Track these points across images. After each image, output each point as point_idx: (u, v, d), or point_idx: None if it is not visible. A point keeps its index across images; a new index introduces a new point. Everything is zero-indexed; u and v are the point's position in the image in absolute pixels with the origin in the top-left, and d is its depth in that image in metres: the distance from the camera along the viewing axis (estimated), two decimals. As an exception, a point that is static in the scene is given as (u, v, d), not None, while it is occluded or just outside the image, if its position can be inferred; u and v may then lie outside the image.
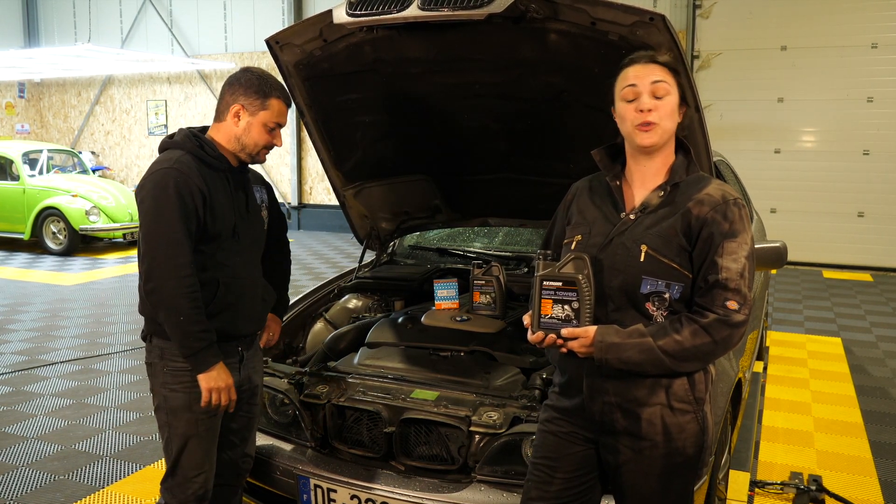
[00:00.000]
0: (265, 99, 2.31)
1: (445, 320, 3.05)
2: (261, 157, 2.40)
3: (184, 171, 2.25)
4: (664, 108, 1.84)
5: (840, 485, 3.56)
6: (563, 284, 1.83)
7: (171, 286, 2.18)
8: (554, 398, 2.03)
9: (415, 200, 3.73)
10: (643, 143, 1.86)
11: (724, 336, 1.78)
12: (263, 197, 2.58)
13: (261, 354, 2.64)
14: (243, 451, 2.56)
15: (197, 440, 2.33)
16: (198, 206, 2.24)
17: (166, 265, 2.18)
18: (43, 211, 10.48)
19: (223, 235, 2.33)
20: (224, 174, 2.36)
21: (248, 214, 2.45)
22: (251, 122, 2.32)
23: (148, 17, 14.96)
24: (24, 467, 3.73)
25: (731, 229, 1.81)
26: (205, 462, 2.36)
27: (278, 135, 2.39)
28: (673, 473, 1.89)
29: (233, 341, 2.41)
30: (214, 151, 2.33)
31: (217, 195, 2.31)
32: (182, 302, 2.18)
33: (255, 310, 2.49)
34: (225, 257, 2.35)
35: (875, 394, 4.90)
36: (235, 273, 2.38)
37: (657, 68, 1.86)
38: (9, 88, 16.01)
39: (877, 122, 9.61)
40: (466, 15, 2.40)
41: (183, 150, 2.31)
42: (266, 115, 2.32)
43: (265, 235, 2.58)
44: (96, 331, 6.47)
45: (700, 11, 10.28)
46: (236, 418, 2.50)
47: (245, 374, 2.48)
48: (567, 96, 2.87)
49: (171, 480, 2.35)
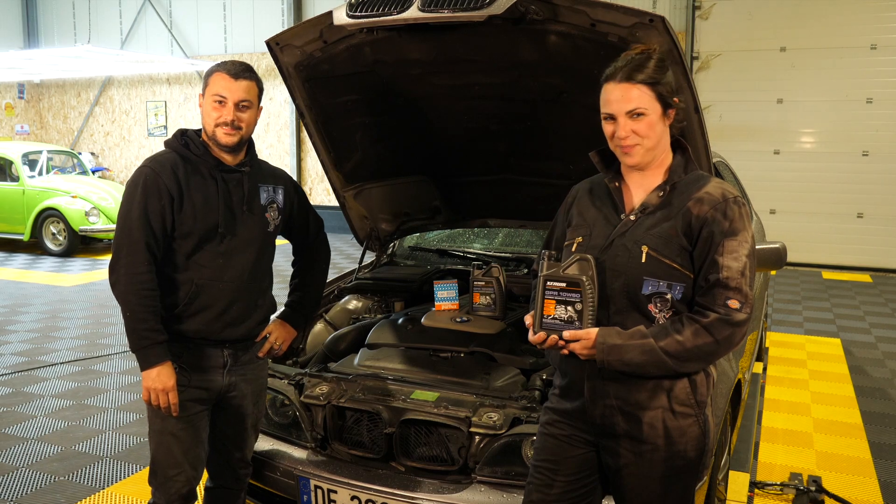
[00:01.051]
0: (210, 75, 2.30)
1: (445, 321, 3.06)
2: (221, 139, 2.28)
3: (155, 170, 2.26)
4: (642, 128, 1.83)
5: (839, 485, 3.56)
6: (566, 285, 1.83)
7: (124, 282, 2.21)
8: (554, 400, 2.03)
9: (415, 202, 3.73)
10: (626, 162, 1.89)
11: (726, 335, 1.78)
12: (275, 197, 2.47)
13: (259, 363, 2.54)
14: (238, 455, 2.53)
15: (172, 438, 2.32)
16: (164, 205, 2.24)
17: (124, 261, 2.21)
18: (42, 212, 10.48)
19: (198, 234, 2.28)
20: (212, 171, 2.32)
21: (245, 214, 2.37)
22: (203, 101, 2.31)
23: (147, 18, 14.96)
24: (24, 468, 3.73)
25: (732, 227, 1.81)
26: (184, 462, 2.34)
27: (227, 108, 2.26)
28: (674, 477, 1.89)
29: (216, 346, 2.36)
30: (199, 149, 2.32)
31: (194, 194, 2.28)
32: (131, 299, 2.20)
33: (242, 315, 2.39)
34: (204, 258, 2.30)
35: (874, 395, 4.90)
36: (217, 275, 2.32)
37: (633, 89, 1.81)
38: (8, 89, 16.00)
39: (876, 123, 9.62)
40: (466, 17, 2.40)
41: (170, 148, 2.34)
42: (209, 89, 2.28)
43: (271, 237, 2.48)
44: (96, 332, 6.47)
45: (699, 13, 10.29)
46: (226, 423, 2.46)
47: (230, 380, 2.41)
48: (567, 98, 2.87)
49: (154, 479, 2.36)
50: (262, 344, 2.53)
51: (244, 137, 2.33)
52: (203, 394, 2.37)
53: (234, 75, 2.27)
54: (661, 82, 1.83)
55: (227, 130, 2.28)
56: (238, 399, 2.46)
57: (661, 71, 1.84)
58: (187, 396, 2.32)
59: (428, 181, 3.67)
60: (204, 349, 2.34)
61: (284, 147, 13.88)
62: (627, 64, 1.83)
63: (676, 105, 1.87)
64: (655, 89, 1.82)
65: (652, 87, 1.82)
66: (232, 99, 2.26)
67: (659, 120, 1.84)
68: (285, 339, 2.60)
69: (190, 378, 2.33)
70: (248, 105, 2.30)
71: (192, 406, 2.34)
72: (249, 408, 2.50)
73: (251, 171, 2.41)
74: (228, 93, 2.26)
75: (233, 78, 2.27)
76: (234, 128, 2.28)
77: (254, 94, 2.32)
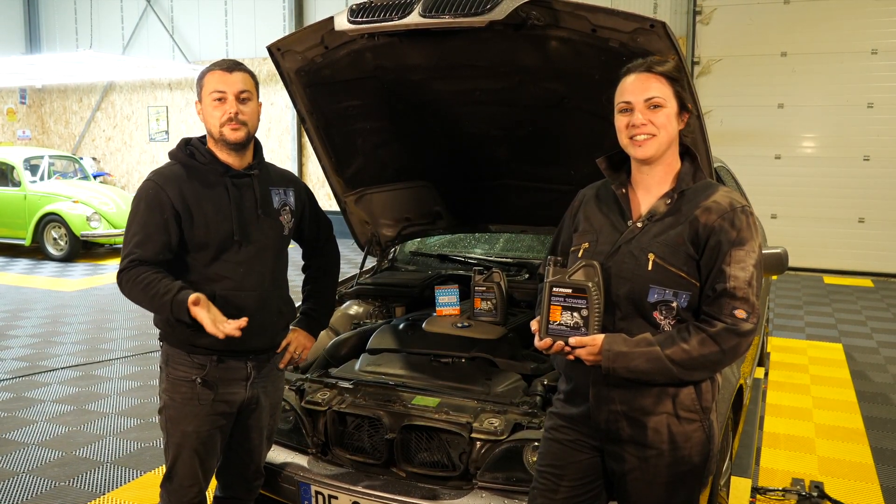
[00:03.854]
0: (202, 79, 2.28)
1: (446, 327, 3.05)
2: (228, 137, 2.24)
3: (159, 183, 2.24)
4: (659, 119, 1.84)
5: (841, 491, 3.55)
6: (573, 291, 1.83)
7: (127, 290, 2.23)
8: (559, 405, 2.02)
9: (416, 207, 3.73)
10: (637, 155, 1.88)
11: (733, 345, 1.77)
12: (287, 199, 2.43)
13: (278, 374, 2.50)
14: (252, 467, 2.50)
15: (190, 453, 2.30)
16: (168, 218, 2.21)
17: (125, 276, 2.22)
18: (44, 217, 10.49)
19: (214, 245, 2.25)
20: (222, 178, 2.29)
21: (260, 218, 2.33)
22: (203, 106, 2.28)
23: (149, 23, 14.99)
24: (24, 474, 3.73)
25: (739, 237, 1.80)
26: (199, 474, 2.33)
27: (228, 103, 2.23)
28: (678, 482, 1.89)
29: (241, 357, 2.32)
30: (206, 157, 2.30)
31: (204, 204, 2.25)
32: (140, 296, 2.20)
33: (266, 322, 2.34)
34: (223, 268, 2.27)
35: (876, 400, 4.89)
36: (238, 284, 2.28)
37: (653, 79, 1.85)
38: (10, 94, 16.03)
39: (877, 128, 9.62)
40: (468, 22, 2.40)
41: (174, 160, 2.32)
42: (206, 90, 2.26)
43: (286, 241, 2.44)
44: (97, 337, 6.46)
45: (700, 18, 10.30)
46: (243, 436, 2.43)
47: (252, 393, 2.37)
48: (568, 103, 2.87)
49: (169, 485, 2.34)
50: (283, 355, 2.48)
51: (250, 133, 2.30)
52: (226, 407, 2.33)
53: (228, 69, 2.26)
54: (680, 82, 1.87)
55: (233, 126, 2.24)
56: (257, 412, 2.42)
57: (680, 72, 1.89)
58: (210, 411, 2.29)
59: (429, 186, 3.68)
60: (228, 361, 2.30)
61: (286, 152, 13.90)
62: (648, 60, 1.88)
63: (690, 111, 1.90)
64: (674, 86, 1.86)
65: (671, 82, 1.86)
66: (231, 91, 2.23)
67: (674, 117, 1.86)
68: (305, 347, 2.54)
69: (214, 393, 2.30)
70: (249, 97, 2.27)
71: (216, 420, 2.32)
72: (266, 420, 2.47)
73: (261, 175, 2.37)
74: (226, 86, 2.23)
75: (227, 72, 2.25)
76: (239, 122, 2.24)
77: (251, 86, 2.29)
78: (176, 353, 2.30)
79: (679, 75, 1.88)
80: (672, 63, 1.89)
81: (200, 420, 2.29)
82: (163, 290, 2.13)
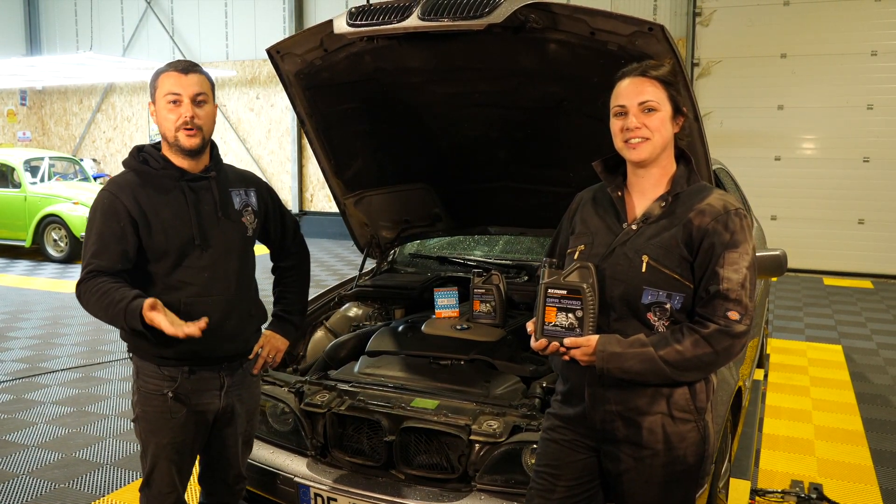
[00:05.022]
0: (156, 79, 2.19)
1: (445, 329, 3.06)
2: (184, 143, 2.17)
3: (113, 192, 2.18)
4: (653, 122, 1.85)
5: (841, 493, 3.55)
6: (567, 293, 1.85)
7: (84, 301, 2.14)
8: (556, 406, 2.04)
9: (415, 209, 3.74)
10: (631, 158, 1.89)
11: (725, 346, 1.79)
12: (249, 200, 2.35)
13: (252, 380, 2.45)
14: (234, 472, 2.47)
15: (167, 463, 2.28)
16: (125, 226, 2.15)
17: (83, 287, 2.14)
18: (44, 218, 10.49)
19: (174, 251, 2.18)
20: (177, 183, 2.21)
21: (221, 221, 2.25)
22: (157, 108, 2.20)
23: (150, 24, 15.01)
24: (24, 476, 3.73)
25: (733, 240, 1.82)
26: (176, 481, 2.31)
27: (183, 106, 2.15)
28: (673, 482, 1.90)
29: (213, 366, 2.27)
30: (160, 162, 2.22)
31: (161, 210, 2.18)
32: (96, 307, 2.11)
33: (236, 327, 2.29)
34: (187, 275, 2.20)
35: (876, 401, 4.90)
36: (204, 290, 2.21)
37: (647, 83, 1.86)
38: (10, 96, 16.04)
39: (877, 130, 9.62)
40: (466, 25, 2.41)
41: (128, 168, 2.26)
42: (160, 92, 2.17)
43: (250, 242, 2.37)
44: (97, 338, 6.47)
45: (700, 19, 10.30)
46: (222, 444, 2.41)
47: (227, 402, 2.33)
48: (566, 105, 2.88)
49: (148, 490, 2.33)
50: (255, 361, 2.43)
51: (206, 138, 2.22)
52: (200, 417, 2.30)
53: (184, 70, 2.18)
54: (675, 86, 1.88)
55: (188, 132, 2.16)
56: (234, 421, 2.38)
57: (675, 76, 1.90)
58: (184, 421, 2.27)
59: (428, 188, 3.68)
60: (200, 372, 2.25)
61: (286, 154, 13.91)
62: (643, 64, 1.90)
63: (685, 114, 1.92)
64: (668, 90, 1.87)
65: (666, 86, 1.87)
66: (186, 94, 2.15)
67: (669, 120, 1.87)
68: (279, 350, 2.49)
69: (187, 406, 2.26)
70: (205, 99, 2.19)
71: (191, 429, 2.29)
72: (243, 426, 2.43)
73: (219, 177, 2.29)
74: (181, 88, 2.15)
75: (182, 73, 2.17)
76: (195, 126, 2.16)
77: (207, 88, 2.21)
78: (146, 365, 2.24)
79: (674, 79, 1.89)
80: (667, 67, 1.90)
81: (175, 432, 2.26)
82: (118, 298, 2.05)
